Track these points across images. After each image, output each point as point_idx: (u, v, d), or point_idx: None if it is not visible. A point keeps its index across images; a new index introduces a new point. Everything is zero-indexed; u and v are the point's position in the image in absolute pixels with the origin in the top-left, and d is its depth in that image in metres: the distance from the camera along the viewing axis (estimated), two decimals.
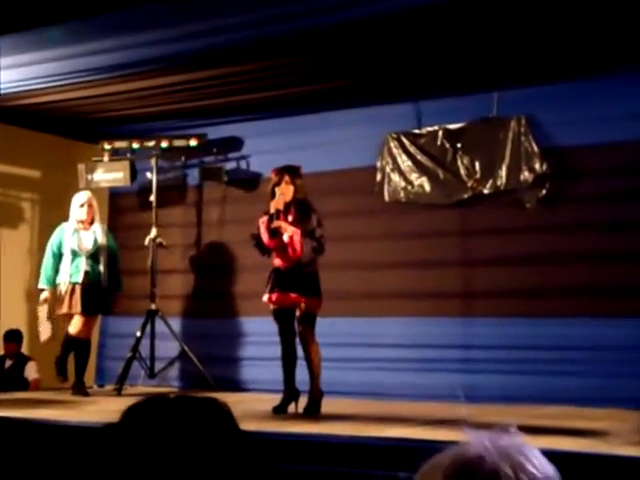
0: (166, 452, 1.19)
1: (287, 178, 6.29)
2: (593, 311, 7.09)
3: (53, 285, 7.82)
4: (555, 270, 7.30)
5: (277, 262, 6.33)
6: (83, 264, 7.79)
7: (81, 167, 8.92)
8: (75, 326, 7.76)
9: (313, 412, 6.11)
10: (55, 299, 7.78)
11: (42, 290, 7.85)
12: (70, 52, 7.23)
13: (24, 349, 8.77)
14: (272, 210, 6.25)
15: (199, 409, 1.27)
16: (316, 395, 6.21)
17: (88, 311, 7.76)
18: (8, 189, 9.23)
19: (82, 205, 7.91)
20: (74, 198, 8.00)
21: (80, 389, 7.77)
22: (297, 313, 6.22)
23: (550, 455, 1.27)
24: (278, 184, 6.29)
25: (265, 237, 6.27)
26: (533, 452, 1.26)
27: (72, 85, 7.82)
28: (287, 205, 6.28)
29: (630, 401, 6.17)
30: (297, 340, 6.30)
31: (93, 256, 7.85)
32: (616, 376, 6.71)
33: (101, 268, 7.85)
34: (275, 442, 4.35)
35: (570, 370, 6.95)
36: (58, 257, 7.85)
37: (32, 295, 8.73)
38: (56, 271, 7.83)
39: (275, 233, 6.23)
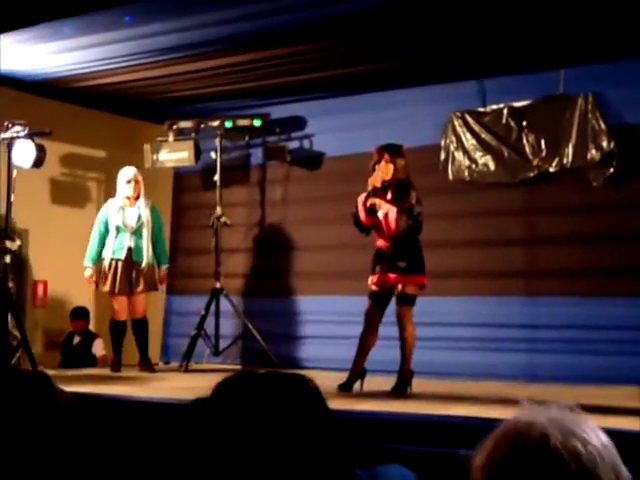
0: (257, 427, 1.22)
1: (387, 157, 6.25)
2: None
3: (96, 263, 7.85)
4: (621, 249, 7.19)
5: (379, 243, 6.33)
6: (126, 240, 7.81)
7: (147, 147, 9.02)
8: (118, 311, 7.85)
9: (401, 391, 6.07)
10: (99, 276, 7.85)
11: (86, 268, 7.89)
12: (135, 33, 7.26)
13: (91, 326, 8.93)
14: (369, 187, 6.24)
15: (289, 385, 1.30)
16: (405, 375, 6.17)
17: (130, 291, 7.80)
18: (75, 169, 9.38)
19: (129, 181, 7.87)
20: (120, 174, 7.96)
21: (147, 365, 7.89)
22: (396, 292, 6.20)
23: (614, 435, 1.28)
24: (378, 162, 6.26)
25: (362, 215, 6.27)
26: (587, 422, 1.28)
27: (137, 66, 7.90)
28: (387, 184, 6.27)
29: None
30: (381, 323, 6.25)
31: (137, 232, 7.84)
32: None
33: (144, 244, 7.86)
34: (341, 420, 4.37)
35: (635, 350, 6.85)
36: (105, 234, 7.86)
37: None
38: (102, 248, 7.86)
39: (372, 211, 6.23)
